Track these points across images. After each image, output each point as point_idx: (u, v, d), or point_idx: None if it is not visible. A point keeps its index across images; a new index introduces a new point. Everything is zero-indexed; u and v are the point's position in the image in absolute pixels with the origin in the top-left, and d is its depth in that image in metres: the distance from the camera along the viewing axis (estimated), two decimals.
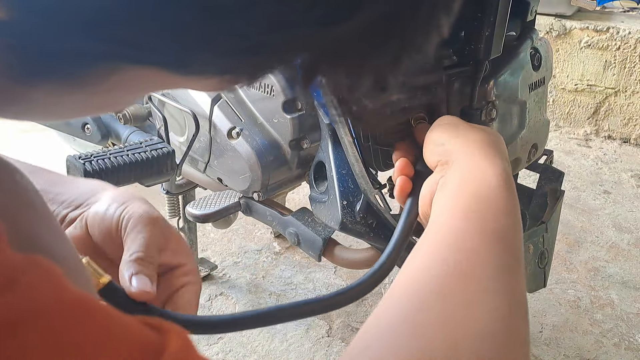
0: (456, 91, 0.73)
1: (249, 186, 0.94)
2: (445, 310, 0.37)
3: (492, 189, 0.47)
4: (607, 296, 1.50)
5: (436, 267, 0.41)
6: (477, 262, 0.41)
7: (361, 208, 0.81)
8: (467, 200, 0.47)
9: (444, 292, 0.38)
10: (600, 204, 1.96)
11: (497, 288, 0.39)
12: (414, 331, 0.36)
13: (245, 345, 1.30)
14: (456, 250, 0.42)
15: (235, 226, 1.64)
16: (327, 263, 1.52)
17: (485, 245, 0.42)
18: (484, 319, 0.37)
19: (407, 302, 0.38)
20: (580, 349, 1.32)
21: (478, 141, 0.53)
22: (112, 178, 0.89)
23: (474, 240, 0.43)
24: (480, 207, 0.46)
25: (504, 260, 0.42)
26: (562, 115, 2.56)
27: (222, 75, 0.26)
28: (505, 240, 0.44)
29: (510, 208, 0.46)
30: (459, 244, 0.43)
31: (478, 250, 0.42)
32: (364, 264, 0.90)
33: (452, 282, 0.39)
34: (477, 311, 0.37)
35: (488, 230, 0.44)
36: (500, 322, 0.37)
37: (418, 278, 0.40)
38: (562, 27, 2.41)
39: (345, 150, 0.78)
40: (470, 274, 0.40)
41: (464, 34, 0.70)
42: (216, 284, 1.49)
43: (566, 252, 1.67)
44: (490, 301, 0.38)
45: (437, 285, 0.39)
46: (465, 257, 0.41)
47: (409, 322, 0.36)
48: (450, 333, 0.35)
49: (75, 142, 1.59)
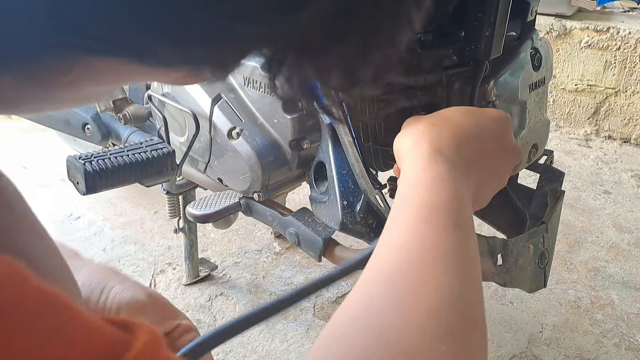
0: (456, 91, 0.73)
1: (249, 186, 0.94)
2: (394, 294, 0.39)
3: (420, 172, 0.48)
4: (608, 296, 1.50)
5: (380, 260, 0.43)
6: (416, 243, 0.42)
7: (361, 208, 0.81)
8: (404, 192, 0.48)
9: (388, 284, 0.40)
10: (600, 204, 1.96)
11: (442, 266, 0.41)
12: (368, 317, 0.37)
13: (246, 346, 1.30)
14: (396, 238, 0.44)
15: (235, 226, 1.64)
16: (327, 263, 1.51)
17: (423, 226, 0.43)
18: (431, 297, 0.38)
19: (360, 294, 0.40)
20: (580, 349, 1.32)
21: (415, 134, 0.53)
22: (113, 178, 0.89)
23: (412, 223, 0.44)
24: (413, 193, 0.47)
25: (446, 234, 0.43)
26: (562, 115, 2.56)
27: (184, 67, 0.26)
28: (445, 214, 0.44)
29: (443, 182, 0.47)
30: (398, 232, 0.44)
31: (416, 232, 0.43)
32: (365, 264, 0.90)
33: (394, 270, 0.41)
34: (425, 291, 0.38)
35: (424, 211, 0.44)
36: (449, 298, 0.38)
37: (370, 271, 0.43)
38: (562, 27, 2.41)
39: (345, 150, 0.78)
40: (415, 260, 0.41)
41: (464, 34, 0.70)
42: (216, 284, 1.49)
43: (566, 252, 1.67)
44: (437, 280, 0.39)
45: (384, 272, 0.41)
46: (410, 244, 0.42)
47: (362, 310, 0.38)
48: (400, 314, 0.37)
49: (75, 142, 1.59)
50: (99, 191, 0.89)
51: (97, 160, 0.88)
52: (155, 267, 1.55)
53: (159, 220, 1.76)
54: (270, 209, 0.98)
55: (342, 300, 1.51)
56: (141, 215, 1.78)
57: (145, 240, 1.67)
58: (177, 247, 1.60)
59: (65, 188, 1.87)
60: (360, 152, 0.77)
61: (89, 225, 1.73)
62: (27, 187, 1.91)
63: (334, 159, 0.82)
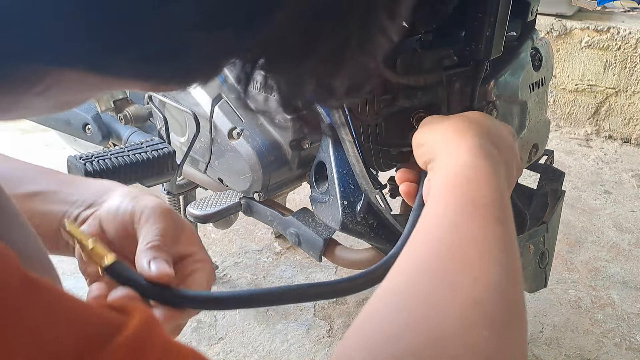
0: (457, 91, 0.73)
1: (249, 186, 0.94)
2: (434, 282, 0.38)
3: (462, 166, 0.49)
4: (608, 296, 1.50)
5: (420, 250, 0.42)
6: (462, 236, 0.42)
7: (362, 208, 0.81)
8: (444, 185, 0.48)
9: (429, 268, 0.40)
10: (601, 204, 1.96)
11: (483, 255, 0.40)
12: (401, 304, 0.37)
13: (246, 346, 1.30)
14: (437, 229, 0.44)
15: (236, 226, 1.64)
16: (327, 263, 1.52)
17: (466, 219, 0.43)
18: (473, 287, 0.37)
19: (397, 281, 0.40)
20: (581, 349, 1.32)
21: (449, 130, 0.55)
22: (113, 178, 0.89)
23: (459, 216, 0.44)
24: (455, 187, 0.47)
25: (489, 228, 0.43)
26: (562, 115, 2.56)
27: (148, 79, 0.26)
28: (488, 209, 0.44)
29: (487, 177, 0.47)
30: (438, 223, 0.44)
31: (463, 225, 0.43)
32: (365, 264, 0.90)
33: (435, 258, 0.40)
34: (466, 281, 0.38)
35: (467, 204, 0.45)
36: (491, 290, 0.38)
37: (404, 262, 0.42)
38: (562, 27, 2.41)
39: (346, 150, 0.78)
40: (455, 249, 0.41)
41: (464, 34, 0.70)
42: (217, 284, 1.49)
43: (567, 252, 1.67)
44: (479, 272, 0.39)
45: (421, 262, 0.41)
46: (445, 233, 0.42)
47: (396, 296, 0.38)
48: (440, 301, 0.36)
49: (76, 142, 1.59)
50: None
51: (97, 160, 0.88)
52: None
53: None
54: (271, 209, 0.98)
55: (342, 300, 1.50)
56: None
57: None
58: None
59: None
60: (361, 152, 0.77)
61: None
62: None
63: (335, 159, 0.83)
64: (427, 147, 0.56)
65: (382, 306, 0.38)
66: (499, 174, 0.49)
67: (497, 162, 0.50)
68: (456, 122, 0.56)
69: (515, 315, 0.38)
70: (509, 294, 0.38)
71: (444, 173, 0.50)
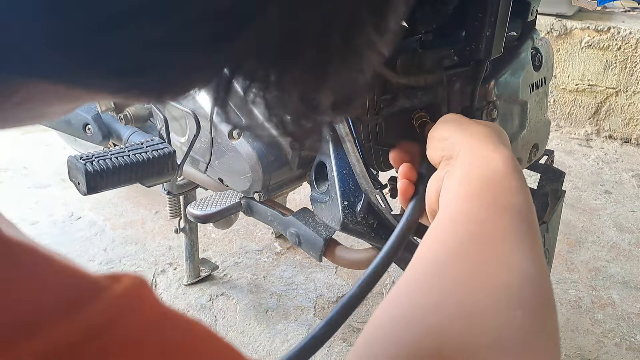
0: (457, 91, 0.73)
1: (250, 186, 0.94)
2: (460, 271, 0.38)
3: (500, 173, 0.48)
4: (608, 296, 1.50)
5: (448, 239, 0.42)
6: (490, 229, 0.42)
7: (362, 208, 0.81)
8: (476, 184, 0.47)
9: (458, 257, 0.39)
10: (601, 204, 1.96)
11: (513, 248, 0.40)
12: (429, 292, 0.36)
13: (247, 346, 1.30)
14: (468, 222, 0.43)
15: (236, 226, 1.64)
16: (328, 263, 1.52)
17: (499, 216, 0.43)
18: (503, 272, 0.37)
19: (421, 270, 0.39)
20: (581, 349, 1.32)
21: (481, 133, 0.54)
22: (113, 178, 0.89)
23: (487, 212, 0.44)
24: (489, 188, 0.46)
25: (519, 227, 0.42)
26: (563, 115, 2.56)
27: (118, 93, 0.25)
28: (520, 213, 0.44)
29: (520, 188, 0.47)
30: (470, 217, 0.44)
31: (492, 220, 0.43)
32: (365, 264, 0.90)
33: (465, 248, 0.40)
34: (497, 267, 0.38)
35: (500, 205, 0.44)
36: (521, 275, 0.38)
37: (430, 252, 0.41)
38: (562, 27, 2.41)
39: (346, 150, 0.78)
40: (484, 239, 0.41)
41: (464, 34, 0.70)
42: (217, 284, 1.50)
43: (567, 252, 1.67)
44: (507, 259, 0.39)
45: (450, 252, 0.40)
46: (477, 227, 0.42)
47: (424, 285, 0.37)
48: (466, 285, 0.36)
49: (76, 142, 1.59)
50: (99, 191, 0.89)
51: (98, 160, 0.88)
52: (156, 267, 1.56)
53: (160, 220, 1.76)
54: (271, 209, 0.98)
55: None
56: (142, 216, 1.79)
57: (146, 240, 1.67)
58: (178, 247, 1.60)
59: (66, 188, 1.87)
60: (361, 152, 0.77)
61: (90, 225, 1.73)
62: (28, 187, 1.91)
63: (335, 159, 0.83)
64: (451, 144, 0.55)
65: (411, 287, 0.38)
66: (527, 187, 0.49)
67: (523, 177, 0.50)
68: (488, 129, 0.55)
69: (547, 302, 0.38)
70: (538, 281, 0.38)
71: (475, 173, 0.49)
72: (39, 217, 1.75)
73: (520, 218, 0.44)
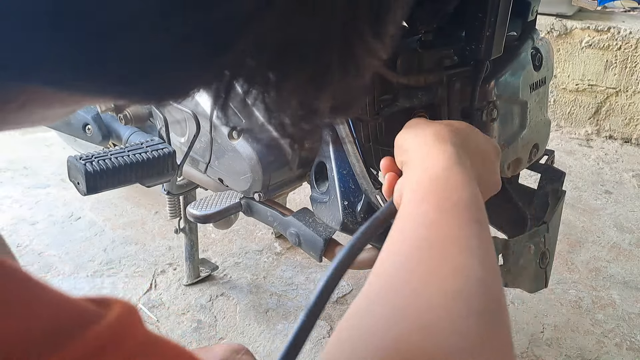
0: (457, 91, 0.73)
1: (249, 187, 0.94)
2: (415, 279, 0.39)
3: (444, 170, 0.50)
4: (609, 296, 1.50)
5: (400, 248, 0.44)
6: (439, 231, 0.43)
7: (362, 208, 0.81)
8: (424, 187, 0.49)
9: (411, 265, 0.41)
10: (601, 204, 1.96)
11: (463, 249, 0.41)
12: (388, 304, 0.38)
13: (247, 346, 1.30)
14: (417, 227, 0.45)
15: (236, 227, 1.64)
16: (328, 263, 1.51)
17: (448, 215, 0.45)
18: (453, 279, 0.38)
19: (378, 282, 0.41)
20: (581, 349, 1.32)
21: (429, 135, 0.56)
22: (113, 179, 0.89)
23: (435, 213, 0.45)
24: (436, 188, 0.48)
25: (468, 226, 0.44)
26: (563, 115, 2.56)
27: (120, 98, 0.26)
28: (468, 209, 0.46)
29: (466, 183, 0.49)
30: (419, 222, 0.45)
31: (441, 222, 0.44)
32: (365, 264, 0.90)
33: (417, 255, 0.42)
34: (447, 273, 0.39)
35: (448, 204, 0.46)
36: (471, 281, 0.39)
37: (387, 262, 0.43)
38: (563, 27, 2.41)
39: (346, 150, 0.78)
40: (433, 243, 0.42)
41: (465, 34, 0.70)
42: (217, 284, 1.49)
43: (567, 252, 1.67)
44: (457, 262, 0.40)
45: (404, 261, 0.42)
46: (427, 231, 0.44)
47: (380, 292, 0.39)
48: (419, 295, 0.37)
49: (76, 142, 1.59)
50: (99, 191, 0.89)
51: (97, 160, 0.88)
52: (156, 267, 1.55)
53: (160, 220, 1.76)
54: (271, 209, 0.98)
55: (342, 301, 1.50)
56: (142, 216, 1.79)
57: (146, 240, 1.67)
58: (177, 248, 1.60)
59: (66, 188, 1.87)
60: (361, 152, 0.77)
61: (90, 225, 1.73)
62: (28, 187, 1.91)
63: (335, 159, 0.82)
64: (405, 149, 0.57)
65: (366, 304, 0.39)
66: (474, 181, 0.50)
67: (469, 167, 0.52)
68: (439, 129, 0.57)
69: (497, 304, 0.39)
70: (488, 284, 0.40)
71: (422, 175, 0.51)
72: (39, 217, 1.75)
73: (468, 215, 0.45)
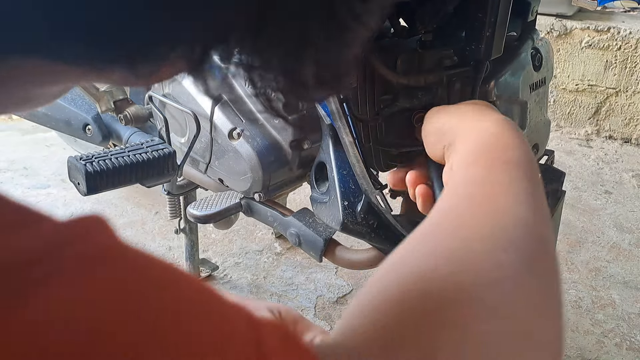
0: (457, 91, 0.73)
1: (250, 187, 0.94)
2: (457, 223, 0.39)
3: (495, 135, 0.49)
4: (609, 296, 1.50)
5: (450, 202, 0.43)
6: (489, 187, 0.42)
7: (362, 208, 0.81)
8: (475, 152, 0.48)
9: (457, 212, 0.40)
10: (601, 204, 1.96)
11: (512, 199, 0.40)
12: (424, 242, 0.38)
13: None
14: (467, 185, 0.44)
15: (236, 227, 1.64)
16: (328, 263, 1.51)
17: (498, 172, 0.44)
18: (496, 218, 0.38)
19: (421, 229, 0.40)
20: (581, 349, 1.32)
21: (470, 110, 0.55)
22: (113, 179, 0.89)
23: (486, 172, 0.44)
24: (488, 151, 0.47)
25: (518, 179, 0.43)
26: (563, 115, 2.56)
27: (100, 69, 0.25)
28: (518, 166, 0.45)
29: (518, 144, 0.47)
30: (470, 181, 0.44)
31: (492, 178, 0.43)
32: (366, 265, 0.90)
33: (464, 204, 0.41)
34: (490, 214, 0.38)
35: (499, 162, 0.45)
36: (515, 220, 0.38)
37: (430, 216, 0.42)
38: (562, 27, 2.41)
39: (346, 150, 0.78)
40: (482, 197, 0.41)
41: (464, 34, 0.70)
42: (217, 284, 1.49)
43: (567, 252, 1.67)
44: (503, 207, 0.39)
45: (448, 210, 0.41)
46: (477, 188, 0.43)
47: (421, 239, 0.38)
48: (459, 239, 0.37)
49: (76, 142, 1.59)
50: (100, 192, 0.89)
51: (98, 161, 0.88)
52: None
53: (160, 220, 1.76)
54: (271, 209, 0.98)
55: (342, 301, 1.50)
56: (142, 216, 1.79)
57: (146, 240, 1.67)
58: (178, 248, 1.60)
59: (67, 189, 1.87)
60: (361, 152, 0.77)
61: None
62: (28, 187, 1.91)
63: (335, 160, 0.82)
64: (445, 130, 0.55)
65: (410, 241, 0.38)
66: (525, 142, 0.49)
67: (521, 133, 0.51)
68: (475, 105, 0.56)
69: (541, 245, 0.38)
70: (534, 226, 0.39)
71: (473, 142, 0.49)
72: None
73: (519, 170, 0.44)
